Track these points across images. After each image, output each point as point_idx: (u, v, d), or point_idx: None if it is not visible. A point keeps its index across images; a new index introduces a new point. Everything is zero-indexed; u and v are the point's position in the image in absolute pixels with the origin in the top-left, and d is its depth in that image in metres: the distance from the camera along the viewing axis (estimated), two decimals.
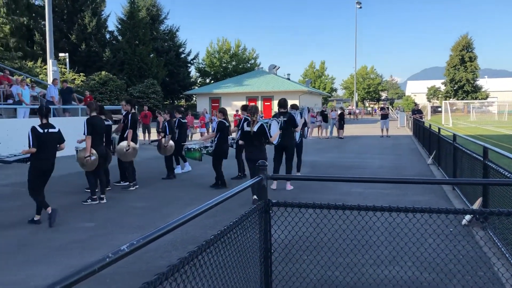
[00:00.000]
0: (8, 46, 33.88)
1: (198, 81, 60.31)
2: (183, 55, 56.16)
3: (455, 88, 69.66)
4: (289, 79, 47.88)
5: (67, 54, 36.03)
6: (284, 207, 3.01)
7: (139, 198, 8.34)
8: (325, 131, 24.11)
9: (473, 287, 3.73)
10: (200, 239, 5.49)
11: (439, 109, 56.98)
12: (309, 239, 4.05)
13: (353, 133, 26.79)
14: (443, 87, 74.23)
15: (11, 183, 9.95)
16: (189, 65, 57.53)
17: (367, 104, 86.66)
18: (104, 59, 42.28)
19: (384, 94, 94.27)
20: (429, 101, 75.04)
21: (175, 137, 10.73)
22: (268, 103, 40.90)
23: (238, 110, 21.04)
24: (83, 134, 7.67)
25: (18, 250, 5.33)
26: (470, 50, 69.47)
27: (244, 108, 9.57)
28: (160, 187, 9.51)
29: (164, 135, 10.33)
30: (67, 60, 35.91)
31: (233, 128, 10.11)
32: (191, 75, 58.72)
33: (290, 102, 9.91)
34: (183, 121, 11.30)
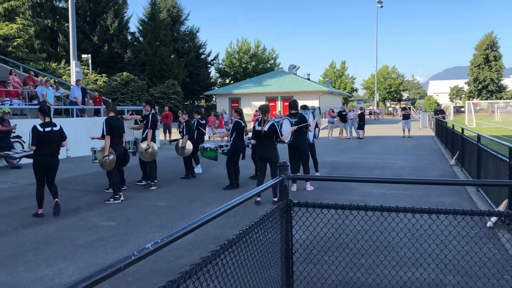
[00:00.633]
0: (33, 47, 34.59)
1: (218, 81, 60.56)
2: (203, 56, 56.49)
3: (479, 88, 68.46)
4: (309, 79, 47.64)
5: (89, 55, 36.59)
6: (305, 208, 3.00)
7: (160, 197, 8.43)
8: (345, 131, 23.93)
9: None
10: (221, 238, 5.53)
11: (462, 109, 55.92)
12: (331, 240, 4.02)
13: (374, 133, 26.51)
14: (466, 87, 72.99)
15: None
16: (209, 65, 57.83)
17: (388, 104, 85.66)
18: (125, 60, 42.83)
19: (405, 94, 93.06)
20: (452, 101, 73.89)
21: (193, 138, 10.78)
22: (288, 103, 40.68)
23: (257, 110, 21.00)
24: (101, 135, 7.89)
25: (45, 247, 5.45)
26: (494, 49, 68.20)
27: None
28: (180, 186, 9.59)
29: (182, 135, 10.38)
30: (90, 61, 36.47)
31: (250, 128, 10.12)
32: (211, 75, 59.00)
33: (310, 103, 9.88)
34: (202, 122, 11.35)
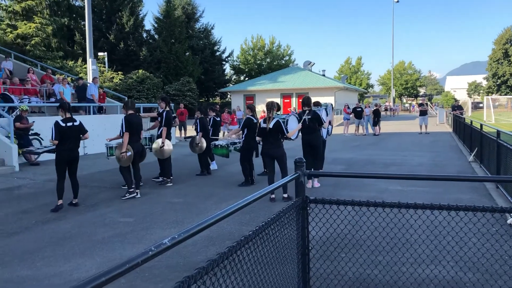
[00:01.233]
0: (50, 46, 35.02)
1: (233, 78, 60.58)
2: (218, 53, 56.51)
3: (498, 83, 67.26)
4: (324, 75, 47.31)
5: (105, 53, 36.94)
6: (322, 204, 2.97)
7: (176, 193, 8.48)
8: (361, 128, 23.74)
9: None
10: (236, 234, 5.53)
11: (480, 105, 55.02)
12: (348, 236, 3.98)
13: (390, 130, 26.24)
14: (485, 82, 71.76)
15: (55, 178, 10.28)
16: (224, 62, 57.83)
17: (404, 100, 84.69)
18: (141, 57, 43.10)
19: (422, 90, 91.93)
20: (470, 96, 72.75)
21: (208, 135, 10.78)
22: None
23: (264, 111, 20.96)
24: (120, 132, 8.01)
25: (63, 242, 5.52)
26: None
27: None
28: (195, 183, 9.62)
29: (196, 132, 10.40)
30: (106, 59, 36.81)
31: None
32: (225, 72, 59.03)
33: (325, 99, 9.79)
34: (217, 119, 11.36)
